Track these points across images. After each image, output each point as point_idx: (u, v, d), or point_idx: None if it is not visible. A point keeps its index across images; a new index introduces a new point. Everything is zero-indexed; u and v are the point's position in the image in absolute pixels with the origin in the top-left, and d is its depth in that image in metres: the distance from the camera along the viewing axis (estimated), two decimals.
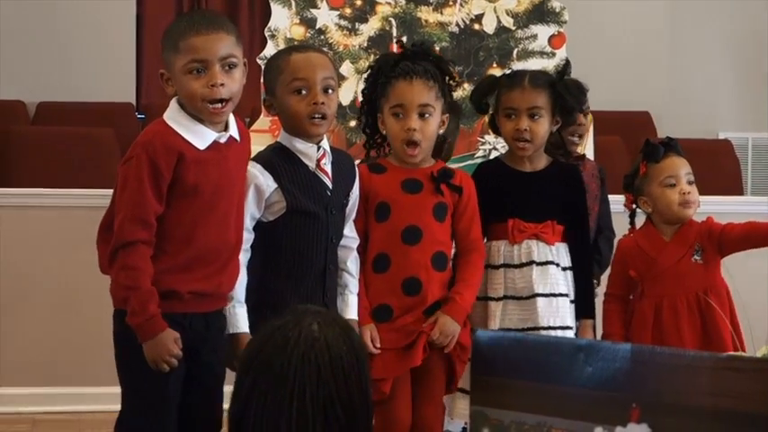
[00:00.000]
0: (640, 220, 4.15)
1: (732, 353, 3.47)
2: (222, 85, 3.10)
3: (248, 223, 3.35)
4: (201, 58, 3.09)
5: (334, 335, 2.31)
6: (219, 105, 3.12)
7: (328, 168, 3.46)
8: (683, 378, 2.33)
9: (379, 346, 3.54)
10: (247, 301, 3.34)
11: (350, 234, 3.55)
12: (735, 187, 7.57)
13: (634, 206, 4.10)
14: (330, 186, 3.45)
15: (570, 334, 3.68)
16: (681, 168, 4.01)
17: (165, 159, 3.06)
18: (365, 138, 3.74)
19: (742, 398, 2.24)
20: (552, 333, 3.64)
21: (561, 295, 3.71)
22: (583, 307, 3.80)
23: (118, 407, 3.21)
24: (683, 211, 3.99)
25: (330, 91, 3.40)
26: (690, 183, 3.99)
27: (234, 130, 3.21)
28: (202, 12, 3.32)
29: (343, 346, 2.31)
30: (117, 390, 3.21)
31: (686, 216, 4.00)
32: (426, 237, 3.59)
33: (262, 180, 3.36)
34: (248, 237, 3.35)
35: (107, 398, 5.37)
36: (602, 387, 2.44)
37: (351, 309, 3.52)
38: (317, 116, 3.38)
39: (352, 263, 3.55)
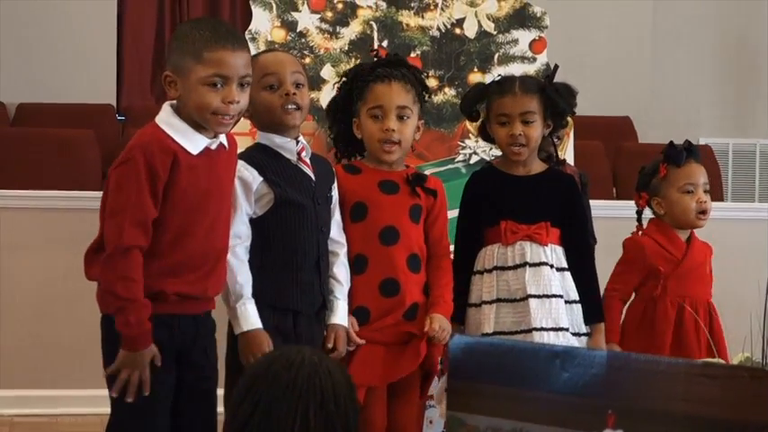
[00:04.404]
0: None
1: (707, 359, 3.49)
2: (238, 102, 3.12)
3: (245, 218, 3.35)
4: (225, 74, 3.10)
5: (332, 365, 2.44)
6: (228, 118, 3.14)
7: (309, 161, 3.48)
8: (658, 384, 2.33)
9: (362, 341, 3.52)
10: None
11: (337, 238, 3.55)
12: (715, 193, 7.55)
13: (646, 206, 4.12)
14: (313, 178, 3.47)
15: (566, 335, 3.64)
16: (700, 177, 4.05)
17: (161, 161, 3.04)
18: (336, 147, 3.75)
19: (716, 404, 2.24)
20: (545, 334, 3.60)
21: (555, 296, 3.67)
22: (590, 312, 3.75)
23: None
24: (698, 220, 4.02)
25: (300, 86, 3.46)
26: (706, 192, 4.02)
27: (223, 137, 3.21)
28: (225, 25, 3.29)
29: (342, 376, 2.43)
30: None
31: (699, 225, 4.05)
32: (403, 238, 3.59)
33: (247, 174, 3.36)
34: (247, 232, 3.35)
35: (84, 401, 5.38)
36: (579, 393, 2.44)
37: (335, 314, 3.49)
38: (290, 106, 3.42)
39: (338, 268, 3.53)
